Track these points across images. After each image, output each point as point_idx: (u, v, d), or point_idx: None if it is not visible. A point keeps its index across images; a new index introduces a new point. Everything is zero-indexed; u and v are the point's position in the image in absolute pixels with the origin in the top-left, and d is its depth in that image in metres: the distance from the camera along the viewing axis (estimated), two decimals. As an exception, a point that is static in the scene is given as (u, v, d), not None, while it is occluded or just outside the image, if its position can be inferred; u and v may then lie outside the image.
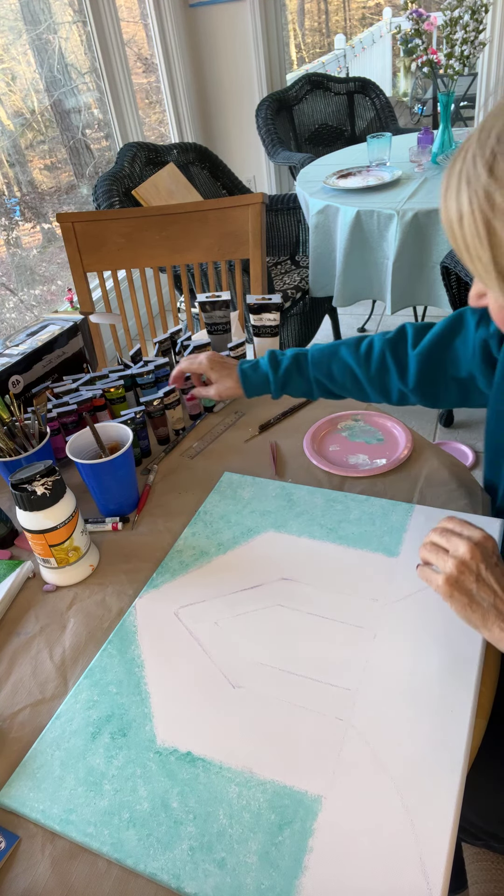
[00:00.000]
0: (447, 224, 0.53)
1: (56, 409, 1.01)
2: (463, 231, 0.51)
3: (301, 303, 2.30)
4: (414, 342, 0.88)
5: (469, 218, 0.50)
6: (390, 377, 0.90)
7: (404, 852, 0.52)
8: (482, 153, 0.48)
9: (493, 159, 0.48)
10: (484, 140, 0.49)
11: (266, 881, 0.52)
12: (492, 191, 0.48)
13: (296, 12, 7.66)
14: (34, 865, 0.56)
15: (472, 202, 0.49)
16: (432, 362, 0.87)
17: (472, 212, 0.49)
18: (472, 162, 0.49)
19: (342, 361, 0.92)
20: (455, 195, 0.51)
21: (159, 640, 0.73)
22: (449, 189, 0.52)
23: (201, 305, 1.20)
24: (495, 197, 0.48)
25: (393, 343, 0.90)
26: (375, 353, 0.90)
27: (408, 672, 0.65)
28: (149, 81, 3.40)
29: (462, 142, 0.52)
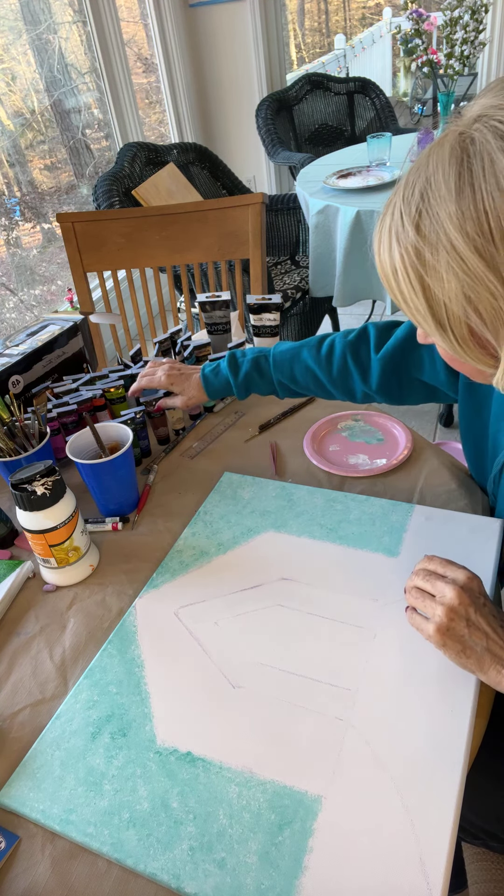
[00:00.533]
0: (383, 276, 0.54)
1: (56, 409, 1.01)
2: (399, 285, 0.52)
3: (301, 303, 2.30)
4: (377, 345, 0.87)
5: (402, 273, 0.51)
6: (353, 380, 0.89)
7: (404, 852, 0.52)
8: (408, 210, 0.49)
9: (418, 217, 0.49)
10: (409, 196, 0.50)
11: (266, 881, 0.52)
12: (420, 248, 0.49)
13: (296, 12, 7.66)
14: (34, 865, 0.56)
15: (403, 259, 0.50)
16: (395, 366, 0.86)
17: (404, 268, 0.50)
18: (400, 219, 0.50)
19: (304, 364, 0.91)
20: (388, 251, 0.52)
21: (159, 640, 0.73)
22: (381, 244, 0.53)
23: (201, 305, 1.20)
24: (424, 255, 0.49)
25: (354, 346, 0.89)
26: (336, 356, 0.89)
27: (408, 672, 0.65)
28: (149, 81, 3.40)
29: (391, 194, 0.53)
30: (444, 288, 0.48)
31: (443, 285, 0.48)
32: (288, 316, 2.27)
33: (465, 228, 0.46)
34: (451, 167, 0.47)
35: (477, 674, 0.59)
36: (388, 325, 0.89)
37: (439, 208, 0.47)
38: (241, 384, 0.95)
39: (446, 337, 0.52)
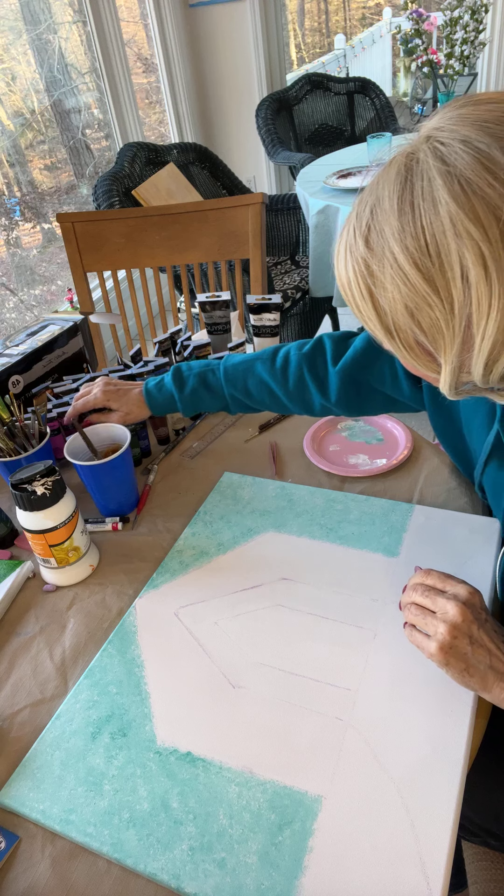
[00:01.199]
0: (340, 286, 0.57)
1: (56, 409, 1.01)
2: (353, 295, 0.55)
3: (301, 303, 2.30)
4: (334, 358, 0.86)
5: (354, 284, 0.54)
6: (310, 393, 0.88)
7: (404, 852, 0.52)
8: (359, 225, 0.52)
9: (367, 231, 0.51)
10: (361, 213, 0.53)
11: (266, 881, 0.52)
12: (369, 261, 0.52)
13: (296, 12, 7.66)
14: (34, 865, 0.56)
15: (355, 271, 0.53)
16: (355, 379, 0.85)
17: (356, 279, 0.53)
18: (353, 234, 0.53)
19: (258, 377, 0.89)
20: (343, 263, 0.55)
21: (159, 640, 0.73)
22: (338, 257, 0.56)
23: (201, 305, 1.20)
24: (372, 266, 0.51)
25: (310, 358, 0.87)
26: (292, 369, 0.87)
27: (408, 672, 0.65)
28: (149, 81, 3.40)
29: (349, 213, 0.56)
30: (388, 299, 0.51)
31: (388, 296, 0.51)
32: (288, 316, 2.27)
33: (405, 243, 0.49)
34: (395, 186, 0.50)
35: (480, 692, 0.58)
36: (343, 336, 0.88)
37: (384, 224, 0.50)
38: (188, 399, 0.92)
39: (395, 344, 0.55)
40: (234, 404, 0.93)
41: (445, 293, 0.48)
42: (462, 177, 0.46)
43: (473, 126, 0.48)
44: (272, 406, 0.92)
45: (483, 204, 0.45)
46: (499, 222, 0.45)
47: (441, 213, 0.47)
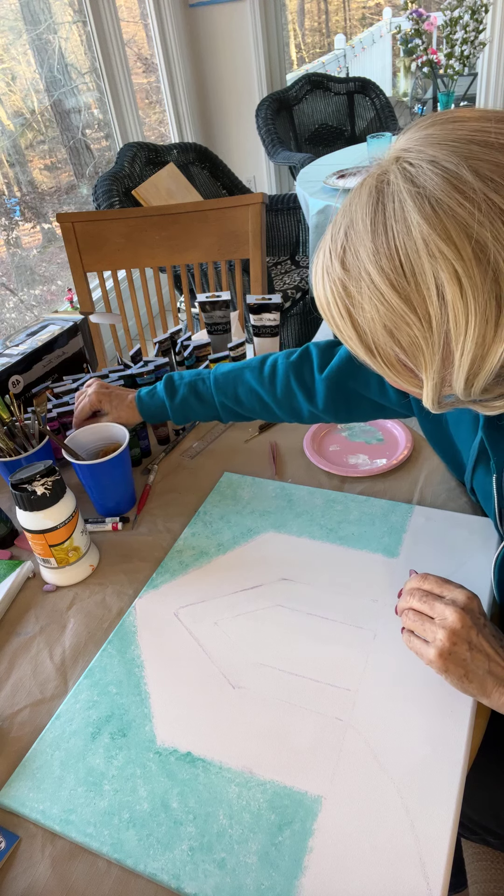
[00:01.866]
0: (319, 307, 0.57)
1: (56, 409, 1.01)
2: (332, 315, 0.55)
3: (301, 303, 2.30)
4: (320, 366, 0.86)
5: (333, 305, 0.54)
6: (298, 400, 0.88)
7: (404, 852, 0.52)
8: (335, 247, 0.53)
9: (343, 253, 0.52)
10: (335, 235, 0.53)
11: (266, 881, 0.52)
12: (346, 282, 0.52)
13: (296, 12, 7.66)
14: (34, 865, 0.56)
15: (332, 292, 0.54)
16: (341, 386, 0.85)
17: (334, 300, 0.54)
18: (329, 255, 0.54)
19: (247, 385, 0.89)
20: (321, 284, 0.55)
21: (159, 640, 0.73)
22: (316, 279, 0.56)
23: (201, 305, 1.20)
24: (349, 287, 0.52)
25: (297, 366, 0.87)
26: (279, 377, 0.88)
27: (408, 672, 0.65)
28: (149, 81, 3.40)
29: (323, 234, 0.56)
30: (367, 319, 0.52)
31: (366, 316, 0.52)
32: (288, 316, 2.27)
33: (380, 264, 0.49)
34: (368, 208, 0.50)
35: (479, 697, 0.58)
36: (329, 344, 0.88)
37: (359, 245, 0.50)
38: (178, 408, 0.92)
39: (377, 362, 0.55)
40: (224, 412, 0.93)
41: (423, 311, 0.49)
42: (432, 197, 0.46)
43: (441, 146, 0.48)
44: (262, 414, 0.92)
45: (454, 223, 0.46)
46: (471, 241, 0.46)
47: (414, 234, 0.47)
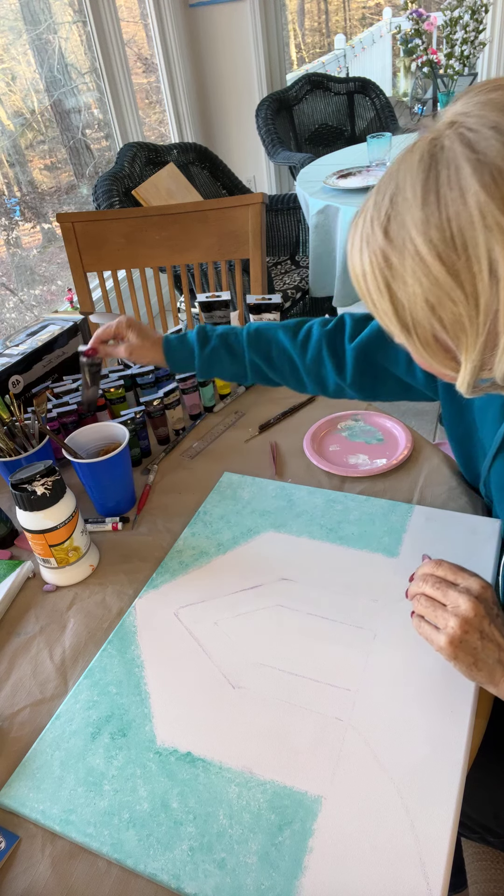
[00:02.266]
0: (354, 279, 0.55)
1: (56, 409, 1.01)
2: (368, 288, 0.53)
3: (301, 303, 2.30)
4: (351, 335, 0.86)
5: (370, 276, 0.52)
6: (326, 369, 0.87)
7: (404, 852, 0.52)
8: (378, 215, 0.50)
9: (387, 222, 0.49)
10: (379, 202, 0.50)
11: (266, 881, 0.52)
12: (388, 252, 0.49)
13: (296, 12, 7.66)
14: (34, 865, 0.56)
15: (371, 262, 0.51)
16: (369, 357, 0.84)
17: (372, 271, 0.51)
18: (370, 224, 0.51)
19: (280, 346, 0.88)
20: (358, 254, 0.53)
21: (159, 640, 0.73)
22: (353, 248, 0.54)
23: (201, 305, 1.20)
24: (391, 258, 0.49)
25: (331, 334, 0.87)
26: (313, 343, 0.86)
27: (408, 672, 0.65)
28: (149, 81, 3.40)
29: (364, 200, 0.54)
30: (408, 293, 0.49)
31: (407, 290, 0.49)
32: (288, 316, 2.27)
33: (429, 235, 0.46)
34: (418, 174, 0.47)
35: (488, 686, 0.58)
36: (364, 317, 0.86)
37: (406, 214, 0.48)
38: (206, 358, 0.90)
39: (412, 340, 0.53)
40: (252, 372, 0.90)
41: (470, 288, 0.46)
42: (493, 165, 0.44)
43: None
44: (290, 378, 0.90)
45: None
46: None
47: (469, 204, 0.44)
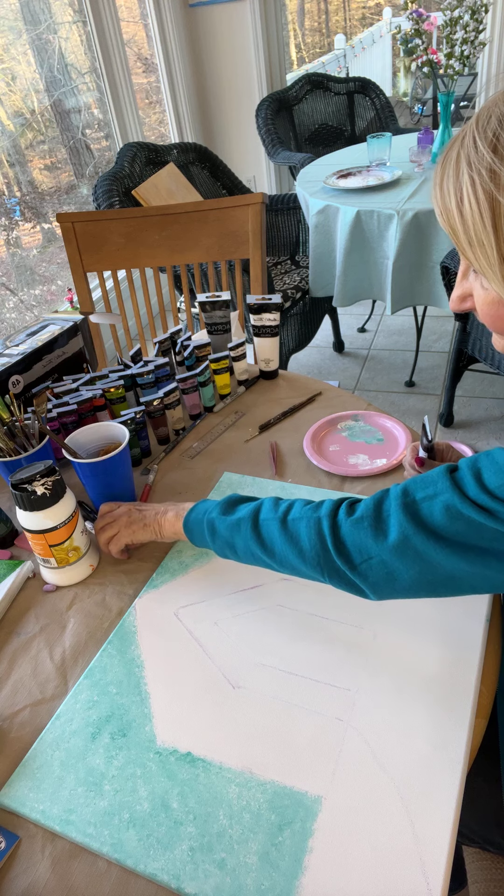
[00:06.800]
0: (445, 212, 0.52)
1: (56, 409, 1.01)
2: (463, 213, 0.50)
3: (301, 303, 2.30)
4: None
5: (471, 199, 0.48)
6: None
7: (404, 852, 0.52)
8: (483, 135, 0.48)
9: (496, 140, 0.47)
10: (484, 124, 0.48)
11: (266, 882, 0.52)
12: (496, 169, 0.47)
13: (296, 12, 7.66)
14: (34, 865, 0.56)
15: (474, 183, 0.48)
16: None
17: (474, 192, 0.48)
18: (473, 145, 0.48)
19: None
20: (453, 180, 0.50)
21: (159, 640, 0.73)
22: (446, 176, 0.51)
23: (201, 305, 1.20)
24: (500, 175, 0.47)
25: None
26: None
27: (408, 672, 0.65)
28: (149, 81, 3.40)
29: (457, 133, 0.52)
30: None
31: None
32: (288, 316, 2.27)
33: None
34: None
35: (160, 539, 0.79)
36: None
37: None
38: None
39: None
40: None
41: None
42: None
43: None
44: None
45: None
46: None
47: None
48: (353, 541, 0.61)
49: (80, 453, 0.90)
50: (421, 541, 0.57)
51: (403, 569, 0.58)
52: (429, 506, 0.57)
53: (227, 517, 0.72)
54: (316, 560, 0.64)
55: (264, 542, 0.68)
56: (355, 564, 0.61)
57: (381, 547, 0.59)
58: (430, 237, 1.98)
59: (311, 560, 0.64)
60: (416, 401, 2.44)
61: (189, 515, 0.77)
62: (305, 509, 0.67)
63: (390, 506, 0.60)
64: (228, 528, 0.71)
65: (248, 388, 1.20)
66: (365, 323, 2.99)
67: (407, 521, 0.58)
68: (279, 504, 0.70)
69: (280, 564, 0.68)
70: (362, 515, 0.62)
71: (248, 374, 1.22)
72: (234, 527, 0.71)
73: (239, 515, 0.71)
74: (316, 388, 1.16)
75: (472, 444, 2.17)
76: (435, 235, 1.97)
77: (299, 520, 0.66)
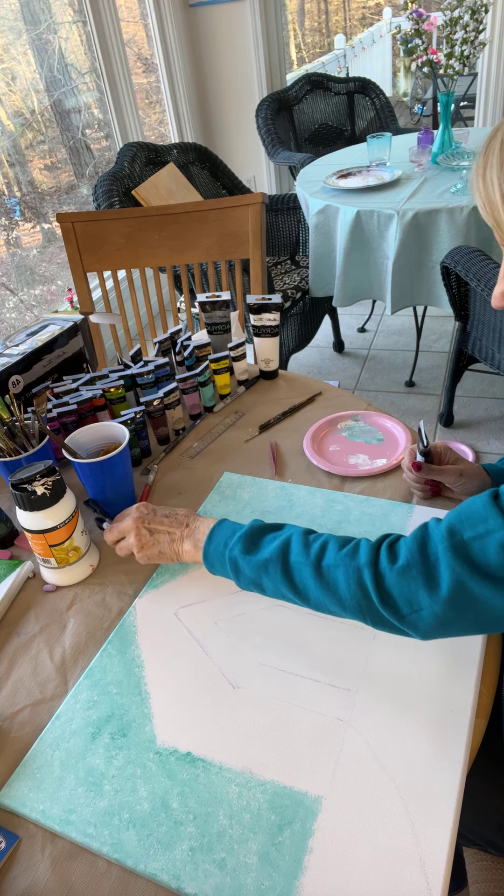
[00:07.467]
0: (489, 205, 0.51)
1: (56, 409, 1.01)
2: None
3: (301, 303, 2.30)
4: None
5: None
6: None
7: (404, 852, 0.52)
8: None
9: None
10: None
11: (266, 882, 0.52)
12: None
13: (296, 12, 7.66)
14: (34, 865, 0.56)
15: None
16: None
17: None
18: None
19: None
20: (497, 169, 0.49)
21: (159, 640, 0.73)
22: (489, 166, 0.50)
23: (201, 305, 1.20)
24: None
25: None
26: None
27: (408, 672, 0.65)
28: (149, 81, 3.40)
29: (488, 135, 0.50)
30: None
31: None
32: (288, 316, 2.27)
33: None
34: None
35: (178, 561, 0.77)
36: None
37: None
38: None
39: None
40: None
41: None
42: None
43: None
44: None
45: None
46: None
47: None
48: (401, 592, 0.57)
49: (80, 453, 0.90)
50: (477, 585, 0.52)
51: (458, 616, 0.54)
52: (481, 545, 0.52)
53: (252, 557, 0.67)
54: (357, 609, 0.60)
55: (297, 588, 0.64)
56: (403, 615, 0.57)
57: (434, 599, 0.54)
58: (430, 237, 1.98)
59: (353, 608, 0.60)
60: (416, 401, 2.44)
61: (208, 547, 0.72)
62: (342, 555, 0.62)
63: (437, 549, 0.55)
64: (254, 568, 0.67)
65: (248, 388, 1.20)
66: (365, 323, 2.99)
67: (459, 566, 0.53)
68: (310, 544, 0.65)
69: (316, 608, 0.64)
70: (408, 563, 0.57)
71: (248, 374, 1.22)
72: (261, 568, 0.66)
73: (265, 556, 0.66)
74: (316, 388, 1.16)
75: (472, 444, 2.17)
76: (435, 235, 1.97)
77: (335, 567, 0.61)
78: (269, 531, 0.69)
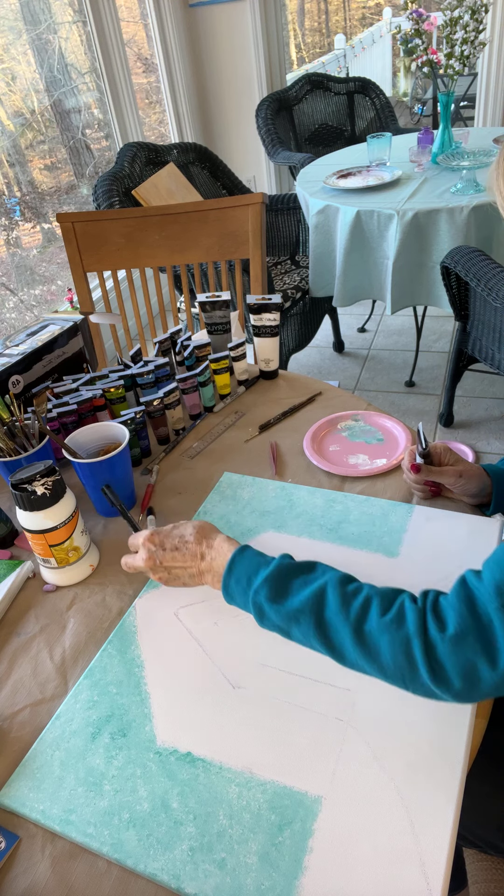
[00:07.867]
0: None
1: (56, 409, 1.01)
2: None
3: (301, 303, 2.30)
4: None
5: None
6: None
7: (404, 852, 0.52)
8: None
9: None
10: None
11: (266, 882, 0.52)
12: None
13: (296, 12, 7.66)
14: (34, 865, 0.56)
15: None
16: None
17: None
18: None
19: None
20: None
21: (159, 640, 0.73)
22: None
23: (201, 305, 1.20)
24: None
25: None
26: None
27: (408, 672, 0.65)
28: (149, 81, 3.40)
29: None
30: None
31: None
32: (288, 316, 2.27)
33: None
34: None
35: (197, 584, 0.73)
36: None
37: None
38: None
39: None
40: None
41: None
42: None
43: None
44: None
45: None
46: None
47: None
48: (456, 663, 0.52)
49: (80, 453, 0.90)
50: None
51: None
52: None
53: (281, 605, 0.61)
54: (399, 677, 0.56)
55: (332, 646, 0.59)
56: (457, 691, 0.52)
57: (496, 670, 0.50)
58: (430, 237, 1.98)
59: (394, 676, 0.56)
60: (416, 401, 2.44)
61: (228, 580, 0.67)
62: (386, 621, 0.56)
63: (487, 609, 0.51)
64: (283, 617, 0.61)
65: (248, 388, 1.20)
66: (365, 323, 2.99)
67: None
68: (349, 599, 0.59)
69: (350, 667, 0.60)
70: (462, 631, 0.52)
71: (248, 374, 1.22)
72: (291, 618, 0.61)
73: (295, 605, 0.60)
74: (316, 388, 1.16)
75: (472, 444, 2.17)
76: (435, 235, 1.97)
77: (379, 634, 0.56)
78: (299, 573, 0.63)
